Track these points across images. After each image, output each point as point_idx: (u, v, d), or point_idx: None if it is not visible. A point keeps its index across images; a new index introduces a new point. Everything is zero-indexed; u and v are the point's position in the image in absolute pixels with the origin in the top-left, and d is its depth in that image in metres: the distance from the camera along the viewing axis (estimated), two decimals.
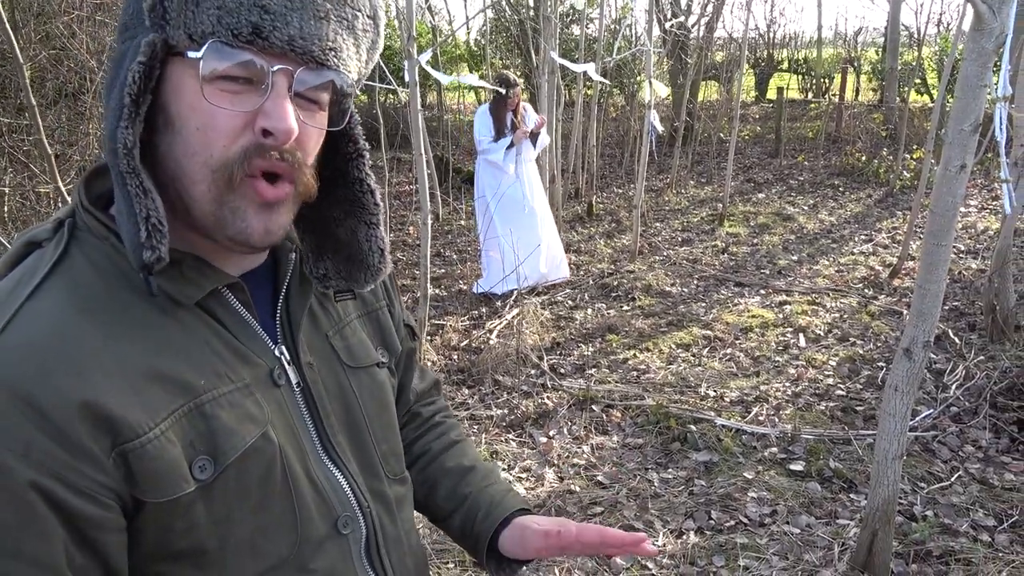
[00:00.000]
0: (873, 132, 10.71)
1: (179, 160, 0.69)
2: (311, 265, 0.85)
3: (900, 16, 12.09)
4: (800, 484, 3.04)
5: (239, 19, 0.65)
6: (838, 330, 4.72)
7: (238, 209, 0.70)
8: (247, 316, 0.78)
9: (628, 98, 11.76)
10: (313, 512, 0.78)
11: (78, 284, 0.69)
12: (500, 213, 5.36)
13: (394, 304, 1.01)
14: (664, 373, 4.17)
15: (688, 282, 5.78)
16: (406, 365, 1.06)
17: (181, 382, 0.69)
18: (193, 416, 0.69)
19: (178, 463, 0.67)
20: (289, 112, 0.68)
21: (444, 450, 1.07)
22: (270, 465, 0.74)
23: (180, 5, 0.65)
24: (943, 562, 2.56)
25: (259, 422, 0.74)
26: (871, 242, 6.76)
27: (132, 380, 0.66)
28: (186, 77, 0.68)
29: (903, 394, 2.22)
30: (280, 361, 0.79)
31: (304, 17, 0.67)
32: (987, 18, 1.81)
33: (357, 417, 0.87)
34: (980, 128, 1.90)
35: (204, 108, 0.67)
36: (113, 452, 0.64)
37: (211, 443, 0.70)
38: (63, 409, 0.62)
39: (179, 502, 0.68)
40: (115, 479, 0.64)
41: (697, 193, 9.14)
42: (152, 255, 0.66)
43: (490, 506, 1.00)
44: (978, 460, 3.22)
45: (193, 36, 0.66)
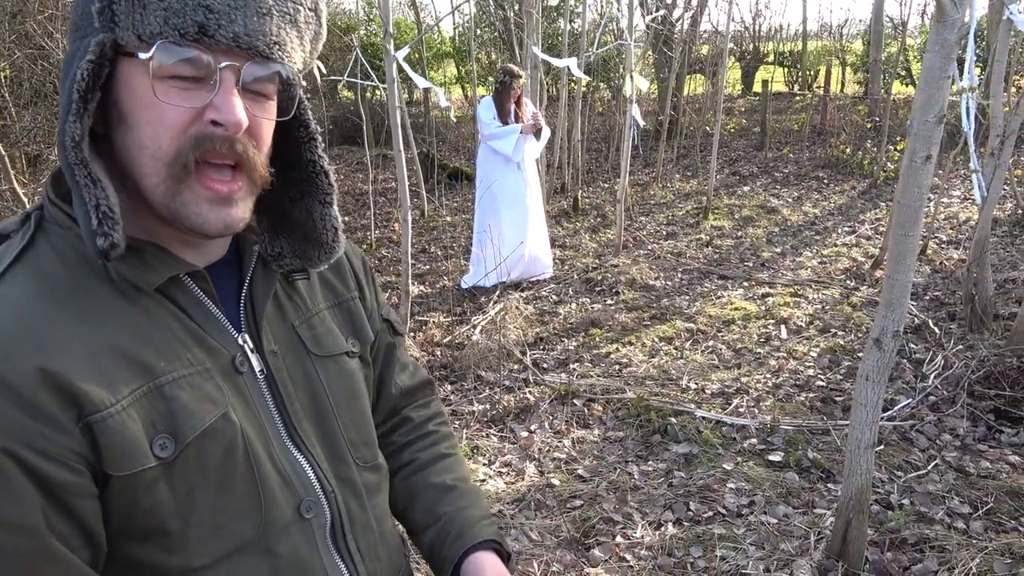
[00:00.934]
0: (857, 124, 10.76)
1: (132, 153, 0.73)
2: (267, 244, 0.88)
3: (884, 7, 12.15)
4: (778, 474, 3.07)
5: (185, 19, 0.68)
6: (820, 321, 4.75)
7: (190, 203, 0.74)
8: (209, 304, 0.81)
9: (614, 92, 11.77)
10: (277, 495, 0.80)
11: (43, 271, 0.72)
12: (497, 203, 5.38)
13: (366, 295, 1.02)
14: (646, 366, 4.19)
15: (672, 276, 5.80)
16: (386, 358, 1.07)
17: (141, 363, 0.72)
18: (153, 396, 0.72)
19: (139, 439, 0.70)
20: (237, 105, 0.72)
21: (430, 463, 1.07)
22: (231, 446, 0.76)
23: (128, 8, 0.68)
24: (918, 550, 2.58)
25: (219, 403, 0.76)
26: (854, 233, 6.80)
27: (94, 358, 0.69)
28: (137, 75, 0.71)
29: (874, 383, 2.24)
30: (243, 349, 0.82)
31: (247, 14, 0.71)
32: (949, 10, 1.82)
33: (324, 405, 0.89)
34: (944, 119, 1.92)
35: (154, 105, 0.70)
36: (79, 423, 0.67)
37: (171, 422, 0.73)
38: (29, 382, 0.65)
39: (141, 477, 0.71)
40: (83, 447, 0.68)
41: (682, 187, 9.16)
42: (105, 241, 0.69)
43: (461, 530, 1.00)
44: (955, 448, 3.25)
45: (142, 37, 0.69)
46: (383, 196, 8.75)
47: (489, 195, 5.42)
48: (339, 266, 0.99)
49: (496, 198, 5.39)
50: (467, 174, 8.98)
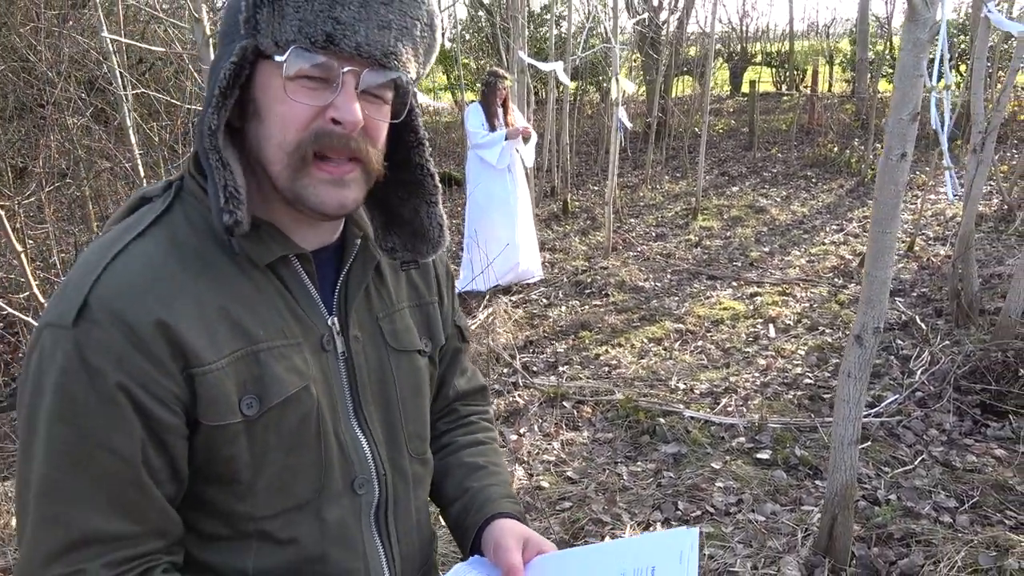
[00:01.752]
0: (845, 123, 10.82)
1: (261, 144, 0.83)
2: (380, 239, 0.97)
3: (870, 6, 12.23)
4: (766, 472, 3.08)
5: (316, 29, 0.78)
6: (807, 319, 4.78)
7: (310, 185, 0.83)
8: (309, 285, 0.90)
9: (603, 95, 11.80)
10: (336, 467, 0.89)
11: (176, 234, 0.83)
12: (486, 207, 5.40)
13: (444, 301, 1.10)
14: (635, 367, 4.20)
15: (661, 277, 5.83)
16: (451, 361, 1.14)
17: (244, 328, 0.82)
18: (249, 359, 0.82)
19: (230, 396, 0.80)
20: (356, 106, 0.81)
21: (467, 446, 1.14)
22: (307, 415, 0.86)
23: (269, 18, 0.78)
24: (904, 544, 2.60)
25: (304, 376, 0.86)
26: (842, 232, 6.83)
27: (205, 317, 0.80)
28: (272, 76, 0.81)
29: (856, 380, 2.25)
30: (331, 330, 0.91)
31: (370, 27, 0.79)
32: (920, 9, 1.85)
33: (391, 393, 0.97)
34: (919, 116, 1.94)
35: (285, 101, 0.80)
36: (184, 372, 0.78)
37: (260, 385, 0.82)
38: (149, 329, 0.76)
39: (227, 429, 0.81)
40: (184, 394, 0.78)
41: (671, 188, 9.19)
42: (230, 218, 0.79)
43: (484, 503, 1.05)
44: (941, 443, 3.27)
45: (279, 43, 0.79)
46: None
47: (478, 200, 5.44)
48: (426, 270, 1.07)
49: (484, 202, 5.41)
50: (456, 180, 8.99)
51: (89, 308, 0.76)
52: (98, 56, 4.07)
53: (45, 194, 3.99)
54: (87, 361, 0.75)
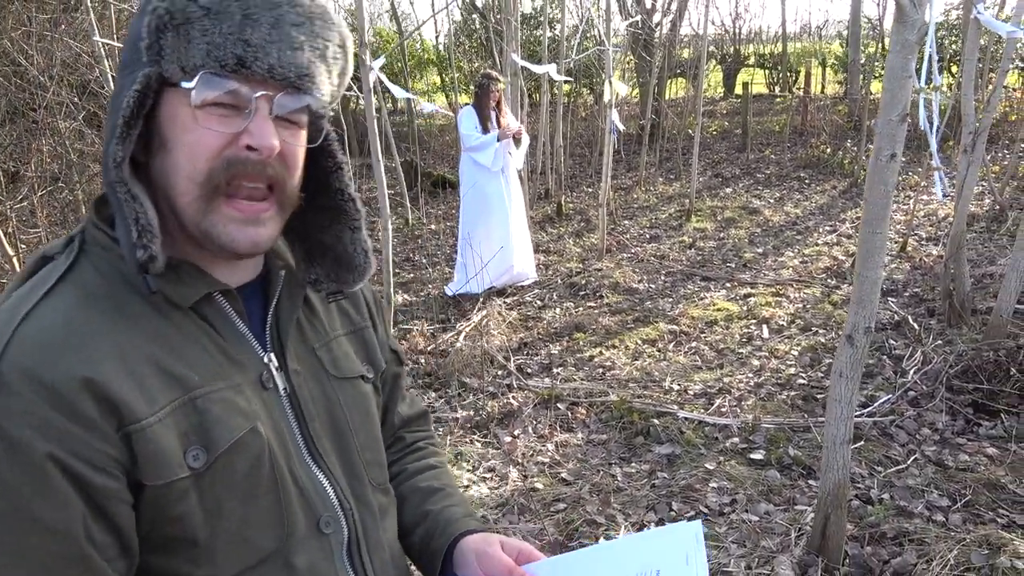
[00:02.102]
0: (838, 124, 10.86)
1: (168, 176, 0.78)
2: (303, 270, 0.94)
3: (861, 8, 12.28)
4: (760, 472, 3.09)
5: (225, 52, 0.74)
6: (801, 320, 4.79)
7: (219, 223, 0.79)
8: (239, 323, 0.85)
9: (596, 97, 11.83)
10: (297, 510, 0.83)
11: (86, 287, 0.77)
12: (480, 210, 5.40)
13: (377, 326, 1.07)
14: (629, 369, 4.21)
15: (655, 278, 5.84)
16: (392, 388, 1.11)
17: (177, 376, 0.76)
18: (187, 408, 0.76)
19: (174, 450, 0.74)
20: (271, 131, 0.78)
21: (419, 472, 1.11)
22: (258, 458, 0.80)
23: (174, 43, 0.75)
24: (897, 543, 2.61)
25: (249, 417, 0.80)
26: (835, 232, 6.86)
27: (134, 369, 0.74)
28: (180, 105, 0.77)
29: (848, 379, 2.26)
30: (268, 367, 0.86)
31: (282, 48, 0.76)
32: (908, 10, 1.86)
33: (342, 424, 0.92)
34: (908, 117, 1.95)
35: (194, 129, 0.77)
36: (119, 431, 0.71)
37: (204, 434, 0.76)
38: (74, 389, 0.69)
39: (174, 487, 0.74)
40: (122, 455, 0.71)
41: (665, 190, 9.21)
42: (144, 254, 0.74)
43: (447, 524, 1.02)
44: (934, 443, 3.28)
45: (185, 68, 0.75)
46: (367, 205, 8.73)
47: (472, 202, 5.44)
48: (354, 297, 1.04)
49: (478, 205, 5.41)
50: (451, 182, 9.00)
51: (2, 377, 0.68)
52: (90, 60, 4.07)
53: (37, 198, 3.98)
54: (7, 435, 0.67)
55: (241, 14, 0.75)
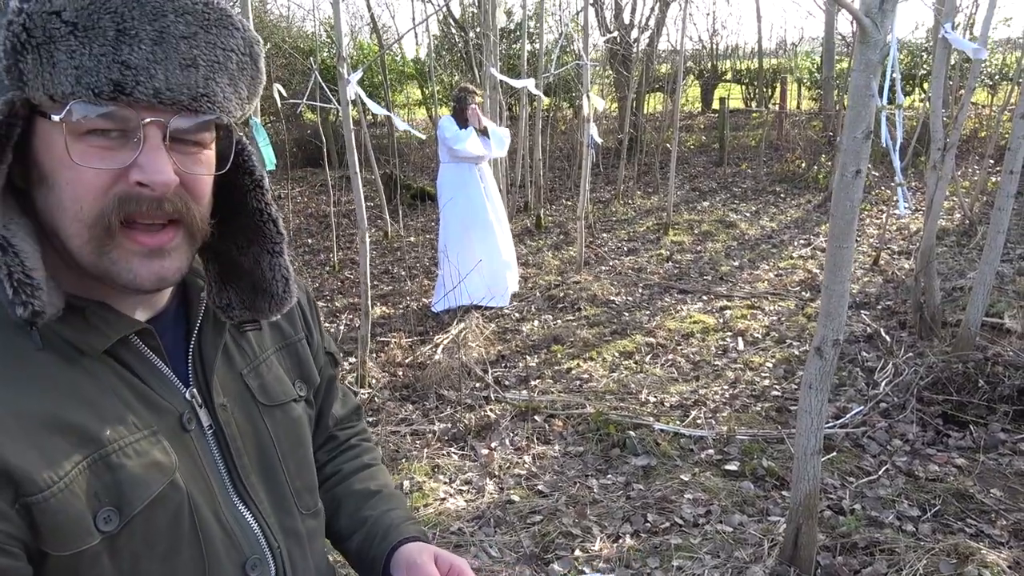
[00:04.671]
0: (812, 139, 11.02)
1: (53, 214, 0.68)
2: (215, 295, 0.84)
3: (835, 25, 12.49)
4: (734, 484, 3.12)
5: (98, 77, 0.63)
6: (776, 332, 4.85)
7: (120, 259, 0.70)
8: (157, 362, 0.77)
9: (575, 111, 11.91)
10: (222, 556, 0.77)
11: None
12: (461, 222, 5.39)
13: (313, 333, 1.01)
14: (606, 381, 4.23)
15: (633, 291, 5.88)
16: (326, 391, 1.07)
17: (85, 432, 0.67)
18: (98, 467, 0.68)
19: (82, 516, 0.66)
20: (165, 163, 0.67)
21: (354, 473, 1.07)
22: (177, 512, 0.73)
23: (36, 67, 0.63)
24: (868, 553, 2.64)
25: (166, 470, 0.73)
26: (809, 246, 6.95)
27: (31, 433, 0.64)
28: (54, 134, 0.66)
29: (817, 391, 2.30)
30: (191, 405, 0.79)
31: (170, 68, 0.66)
32: (871, 31, 1.91)
33: (271, 456, 0.87)
34: (871, 135, 2.00)
35: (72, 166, 0.66)
36: (16, 504, 0.63)
37: (116, 494, 0.68)
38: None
39: (83, 555, 0.66)
40: (20, 530, 0.63)
41: (643, 203, 9.29)
42: (24, 311, 0.64)
43: (387, 530, 0.99)
44: (905, 453, 3.33)
45: (53, 96, 0.64)
46: (346, 218, 8.74)
47: (451, 215, 5.44)
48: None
49: (456, 218, 5.41)
50: (430, 194, 9.01)
51: None
52: None
53: None
54: None
55: (115, 29, 0.63)
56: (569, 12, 12.37)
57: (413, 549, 0.95)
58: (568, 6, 12.38)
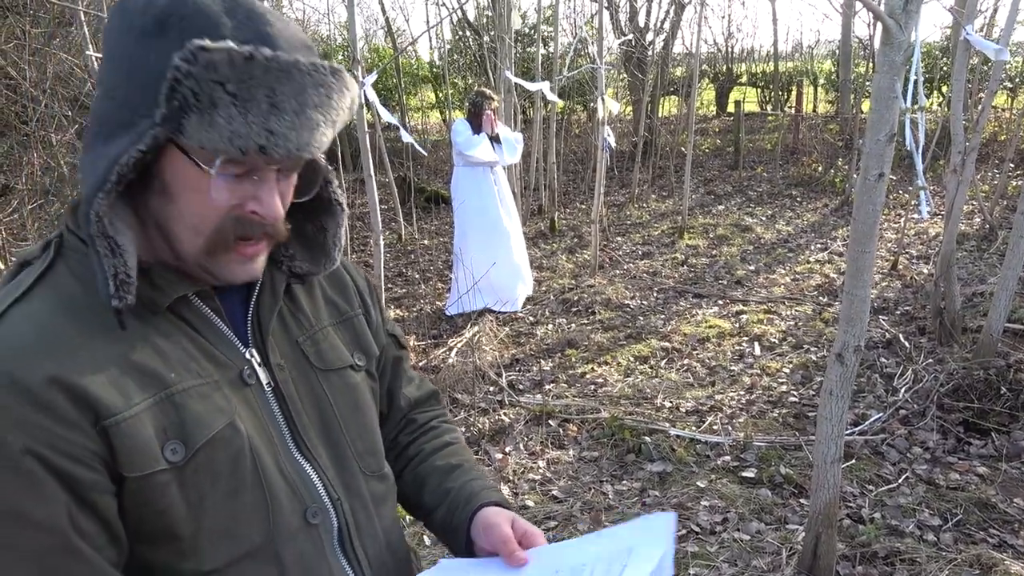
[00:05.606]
0: (829, 143, 10.94)
1: (169, 222, 0.80)
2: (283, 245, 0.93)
3: (852, 28, 12.40)
4: (751, 491, 3.08)
5: (248, 142, 0.73)
6: (793, 338, 4.80)
7: (222, 264, 0.82)
8: (216, 321, 0.86)
9: (590, 114, 11.89)
10: (284, 502, 0.85)
11: (61, 290, 0.78)
12: (471, 225, 5.38)
13: (371, 312, 1.08)
14: (621, 386, 4.20)
15: (647, 295, 5.84)
16: (394, 372, 1.12)
17: (153, 374, 0.77)
18: (164, 404, 0.77)
19: (151, 443, 0.75)
20: (277, 200, 0.81)
21: (436, 451, 1.12)
22: (238, 454, 0.81)
23: (196, 125, 0.72)
24: (888, 563, 2.60)
25: (227, 413, 0.81)
26: (827, 250, 6.89)
27: (108, 369, 0.75)
28: (188, 167, 0.76)
29: (837, 398, 2.26)
30: (250, 363, 0.87)
31: (302, 133, 0.76)
32: (895, 32, 1.88)
33: (329, 416, 0.93)
34: (895, 137, 1.96)
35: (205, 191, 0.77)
36: (96, 426, 0.72)
37: (181, 429, 0.77)
38: (48, 387, 0.70)
39: (154, 480, 0.75)
40: (100, 448, 0.73)
41: (658, 207, 9.25)
42: (120, 303, 0.75)
43: (468, 498, 1.04)
44: (925, 461, 3.28)
45: (203, 147, 0.74)
46: (360, 220, 8.75)
47: (464, 218, 5.43)
48: (342, 285, 1.05)
49: (473, 221, 5.39)
50: (444, 197, 9.00)
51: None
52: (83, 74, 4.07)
53: (28, 211, 3.96)
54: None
55: (268, 103, 0.73)
56: (583, 15, 12.37)
57: (491, 512, 1.00)
58: (582, 9, 12.38)
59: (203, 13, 0.73)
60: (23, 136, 4.17)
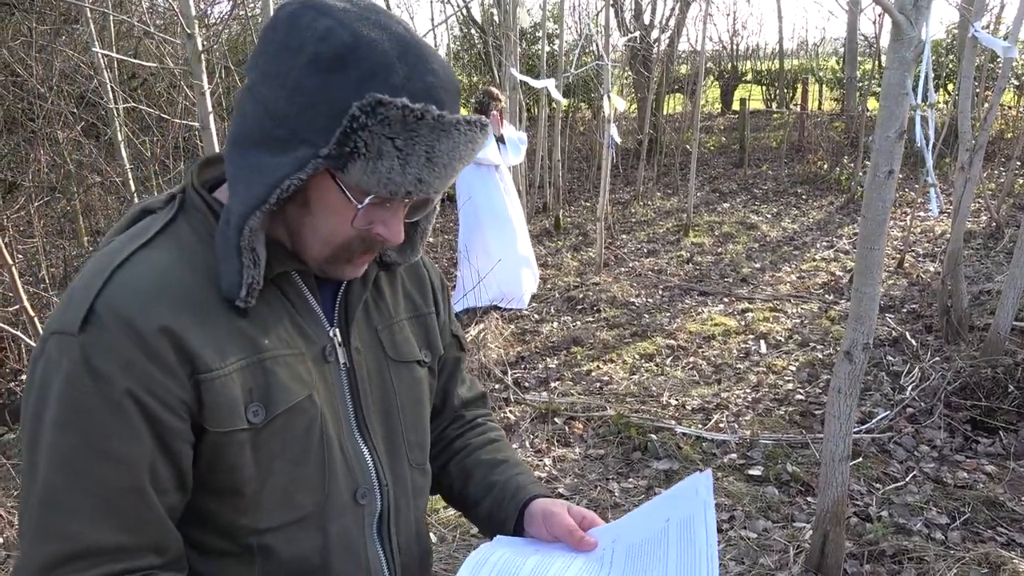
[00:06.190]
0: (834, 140, 10.90)
1: (303, 229, 0.85)
2: None
3: (858, 26, 12.36)
4: (758, 489, 3.07)
5: (399, 189, 0.79)
6: (799, 335, 4.79)
7: (340, 268, 0.88)
8: (311, 299, 0.91)
9: (595, 112, 11.87)
10: (339, 478, 0.89)
11: (183, 244, 0.83)
12: (476, 222, 5.37)
13: (441, 311, 1.12)
14: (627, 383, 4.19)
15: (653, 293, 5.83)
16: (451, 372, 1.17)
17: (249, 337, 0.82)
18: (255, 368, 0.82)
19: (236, 402, 0.80)
20: (401, 227, 0.86)
21: (482, 446, 1.16)
22: (311, 425, 0.86)
23: (360, 169, 0.77)
24: (896, 561, 2.59)
25: (308, 385, 0.86)
26: (832, 248, 6.87)
27: (211, 326, 0.80)
28: (333, 190, 0.81)
29: (846, 396, 2.25)
30: (333, 342, 0.92)
31: (445, 181, 0.81)
32: (905, 28, 1.87)
33: (391, 404, 0.98)
34: (905, 134, 1.95)
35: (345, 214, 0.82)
36: (191, 378, 0.78)
37: (266, 393, 0.82)
38: (156, 335, 0.76)
39: (232, 437, 0.80)
40: (191, 399, 0.78)
41: (663, 204, 9.23)
42: (242, 304, 0.81)
43: (516, 490, 1.07)
44: (932, 460, 3.27)
45: (359, 184, 0.79)
46: None
47: (469, 215, 5.42)
48: (421, 282, 1.09)
49: (478, 218, 5.39)
50: (449, 195, 8.99)
51: (96, 314, 0.75)
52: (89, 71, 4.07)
53: (35, 208, 3.97)
54: (94, 367, 0.74)
55: (426, 157, 0.78)
56: (589, 12, 12.36)
57: (546, 502, 1.03)
58: (587, 6, 12.37)
59: (381, 58, 0.76)
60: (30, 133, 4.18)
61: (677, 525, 0.94)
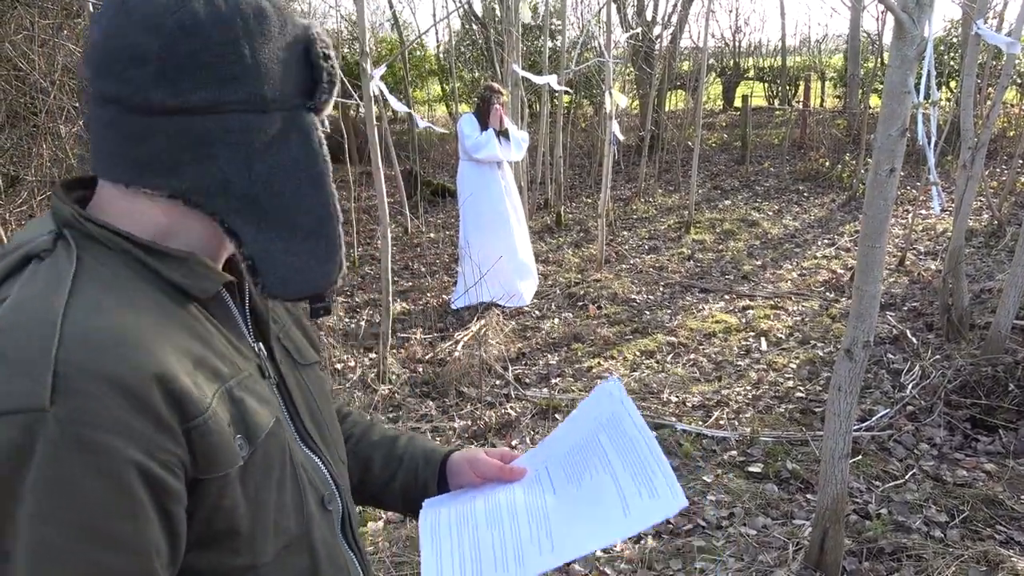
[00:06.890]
0: (836, 138, 10.89)
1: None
2: None
3: (861, 23, 12.33)
4: (758, 486, 3.08)
5: None
6: (799, 333, 4.79)
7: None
8: (237, 314, 0.85)
9: (596, 108, 11.86)
10: (308, 491, 0.86)
11: (109, 285, 0.70)
12: (477, 218, 5.37)
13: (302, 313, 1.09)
14: (627, 380, 4.20)
15: (654, 290, 5.84)
16: None
17: (211, 366, 0.74)
18: (226, 399, 0.74)
19: (229, 439, 0.72)
20: None
21: (365, 431, 1.15)
22: (283, 446, 0.81)
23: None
24: (895, 559, 2.60)
25: (272, 405, 0.81)
26: (834, 246, 6.87)
27: (183, 362, 0.70)
28: None
29: (846, 394, 2.26)
30: (260, 357, 0.86)
31: None
32: (908, 26, 1.86)
33: (314, 408, 0.94)
34: (907, 132, 1.95)
35: None
36: (183, 428, 0.68)
37: (243, 423, 0.75)
38: (147, 385, 0.65)
39: (227, 479, 0.72)
40: (185, 453, 0.68)
41: (665, 201, 9.23)
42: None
43: (428, 454, 1.09)
44: (932, 458, 3.27)
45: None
46: (366, 214, 8.76)
47: (472, 212, 5.42)
48: None
49: (479, 214, 5.39)
50: (450, 191, 9.00)
51: (66, 379, 0.62)
52: None
53: (37, 203, 3.97)
54: (85, 441, 0.61)
55: None
56: (591, 8, 12.34)
57: (464, 452, 1.06)
58: (590, 2, 12.35)
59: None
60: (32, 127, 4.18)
61: (603, 426, 0.97)
